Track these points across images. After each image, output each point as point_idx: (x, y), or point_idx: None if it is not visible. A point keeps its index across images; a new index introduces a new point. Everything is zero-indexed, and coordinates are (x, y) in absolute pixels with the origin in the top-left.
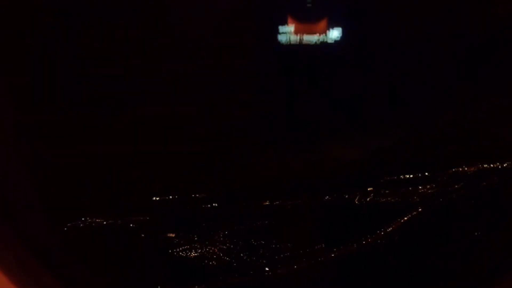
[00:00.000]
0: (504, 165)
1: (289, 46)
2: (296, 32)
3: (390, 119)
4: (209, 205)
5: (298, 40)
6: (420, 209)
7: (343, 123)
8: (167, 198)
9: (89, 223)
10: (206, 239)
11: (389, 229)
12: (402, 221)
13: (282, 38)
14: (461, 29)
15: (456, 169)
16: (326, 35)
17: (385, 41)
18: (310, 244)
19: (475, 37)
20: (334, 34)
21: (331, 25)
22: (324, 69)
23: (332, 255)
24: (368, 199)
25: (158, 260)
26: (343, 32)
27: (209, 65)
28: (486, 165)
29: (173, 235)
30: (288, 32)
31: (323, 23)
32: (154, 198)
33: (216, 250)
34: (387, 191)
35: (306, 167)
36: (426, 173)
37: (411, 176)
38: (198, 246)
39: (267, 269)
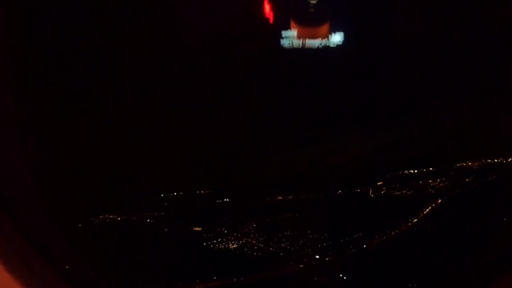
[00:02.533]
0: (509, 160)
1: (292, 50)
2: (299, 37)
3: (392, 116)
4: (220, 201)
5: (300, 45)
6: (439, 201)
7: (346, 121)
8: (171, 195)
9: (102, 220)
10: (236, 231)
11: (417, 219)
12: (426, 211)
13: (285, 42)
14: (463, 28)
15: (460, 164)
16: (328, 39)
17: (386, 43)
18: (347, 234)
19: (477, 35)
20: (336, 38)
21: (333, 30)
22: (326, 72)
23: (374, 242)
24: (382, 192)
25: (195, 253)
26: (345, 36)
27: (215, 67)
28: (490, 160)
29: (200, 229)
30: (291, 37)
31: (325, 28)
32: (158, 196)
33: (254, 242)
34: (397, 185)
35: (310, 164)
36: (431, 168)
37: (416, 171)
38: (233, 239)
39: (317, 257)
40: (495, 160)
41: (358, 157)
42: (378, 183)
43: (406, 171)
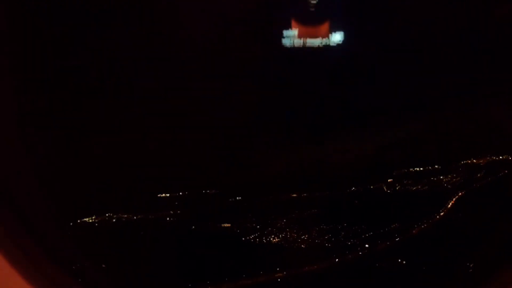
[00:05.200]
0: None
1: (293, 50)
2: (299, 36)
3: (393, 116)
4: (232, 199)
5: (301, 44)
6: (460, 194)
7: (348, 120)
8: (178, 194)
9: (117, 219)
10: (271, 227)
11: (444, 212)
12: (452, 203)
13: (286, 41)
14: (465, 27)
15: (466, 161)
16: (329, 38)
17: (388, 41)
18: (384, 225)
19: (479, 35)
20: (337, 37)
21: (334, 29)
22: (328, 71)
23: (416, 231)
24: (397, 189)
25: (237, 248)
26: (346, 35)
27: (215, 67)
28: (495, 158)
29: (229, 225)
30: (291, 36)
31: (325, 27)
32: (164, 196)
33: (295, 236)
34: (409, 182)
35: (313, 163)
36: (436, 166)
37: (421, 169)
38: (271, 233)
39: (367, 245)
40: (500, 157)
41: (361, 157)
42: (389, 180)
43: (411, 169)
